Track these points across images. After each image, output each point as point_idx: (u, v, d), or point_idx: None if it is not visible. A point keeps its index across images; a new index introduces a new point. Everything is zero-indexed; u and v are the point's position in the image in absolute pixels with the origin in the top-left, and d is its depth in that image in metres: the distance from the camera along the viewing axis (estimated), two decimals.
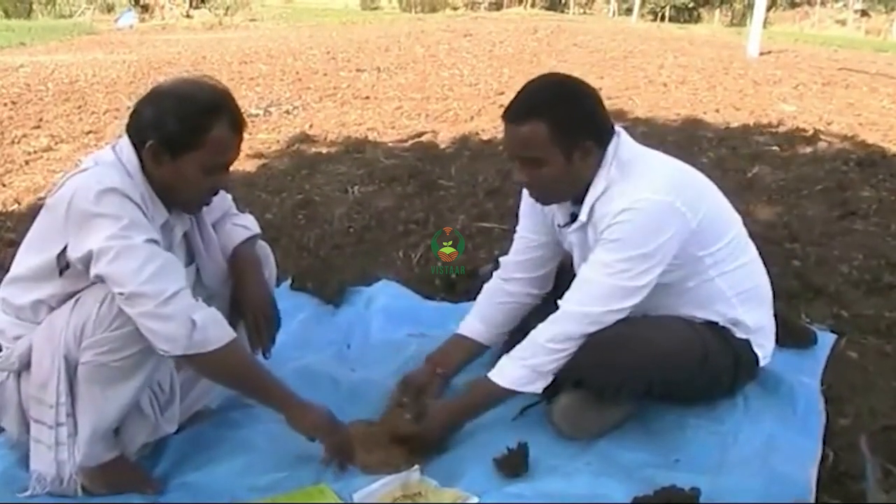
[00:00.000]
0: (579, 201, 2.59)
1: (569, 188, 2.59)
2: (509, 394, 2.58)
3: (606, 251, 2.47)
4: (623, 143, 2.56)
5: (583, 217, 2.57)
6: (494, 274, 3.01)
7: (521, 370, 2.54)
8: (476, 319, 2.96)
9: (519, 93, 2.55)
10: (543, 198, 2.67)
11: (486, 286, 3.02)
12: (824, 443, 2.55)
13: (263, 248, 2.80)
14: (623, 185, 2.49)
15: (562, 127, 2.45)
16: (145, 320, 2.13)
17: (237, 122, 2.29)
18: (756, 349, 2.72)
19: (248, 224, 2.71)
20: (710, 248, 2.57)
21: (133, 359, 2.20)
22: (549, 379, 2.54)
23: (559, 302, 2.56)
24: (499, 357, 2.65)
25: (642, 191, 2.44)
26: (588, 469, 2.45)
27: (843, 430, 2.66)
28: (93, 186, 2.13)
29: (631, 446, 2.57)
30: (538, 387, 2.55)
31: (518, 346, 2.58)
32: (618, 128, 2.60)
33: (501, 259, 3.01)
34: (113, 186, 2.14)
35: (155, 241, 2.17)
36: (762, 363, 2.77)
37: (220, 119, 2.24)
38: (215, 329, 2.22)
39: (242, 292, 2.64)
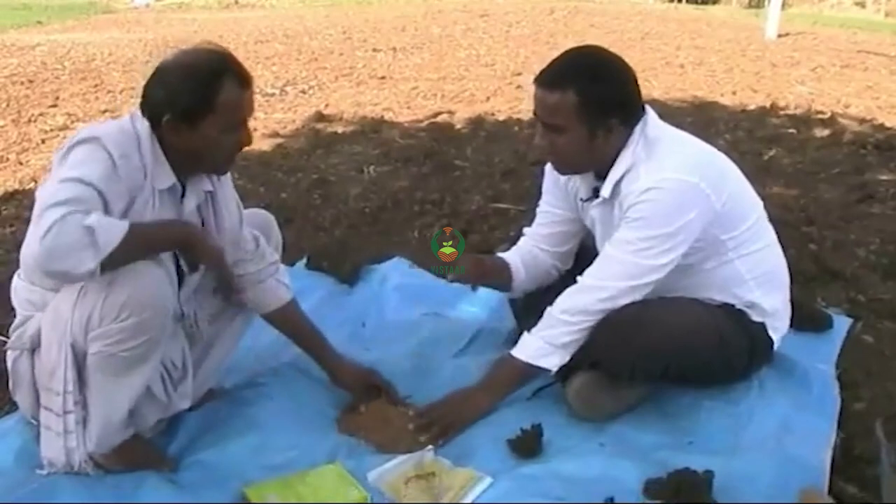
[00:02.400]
0: (602, 177, 2.58)
1: (587, 162, 2.58)
2: (530, 370, 2.58)
3: (630, 229, 2.47)
4: (650, 122, 2.55)
5: (605, 193, 2.56)
6: (522, 240, 3.00)
7: (536, 342, 2.56)
8: (514, 256, 2.95)
9: (557, 58, 2.54)
10: (560, 165, 2.66)
11: (518, 243, 3.01)
12: (839, 426, 2.54)
13: (267, 216, 2.84)
14: (648, 163, 2.48)
15: (590, 102, 2.44)
16: (44, 259, 1.97)
17: (243, 79, 2.30)
18: (771, 332, 2.71)
19: (287, 282, 2.79)
20: (733, 232, 2.56)
21: (142, 348, 2.19)
22: (565, 355, 2.54)
23: (578, 277, 2.56)
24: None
25: (667, 170, 2.44)
26: (602, 450, 2.46)
27: (858, 413, 2.65)
28: (81, 134, 2.17)
29: (645, 428, 2.57)
30: (553, 362, 2.55)
31: (542, 320, 2.58)
32: (646, 106, 2.58)
33: (525, 229, 3.01)
34: (95, 136, 2.15)
35: (98, 193, 2.07)
36: (776, 346, 2.76)
37: (226, 79, 2.25)
38: (113, 225, 2.05)
39: (347, 373, 2.81)
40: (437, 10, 18.94)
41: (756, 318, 2.68)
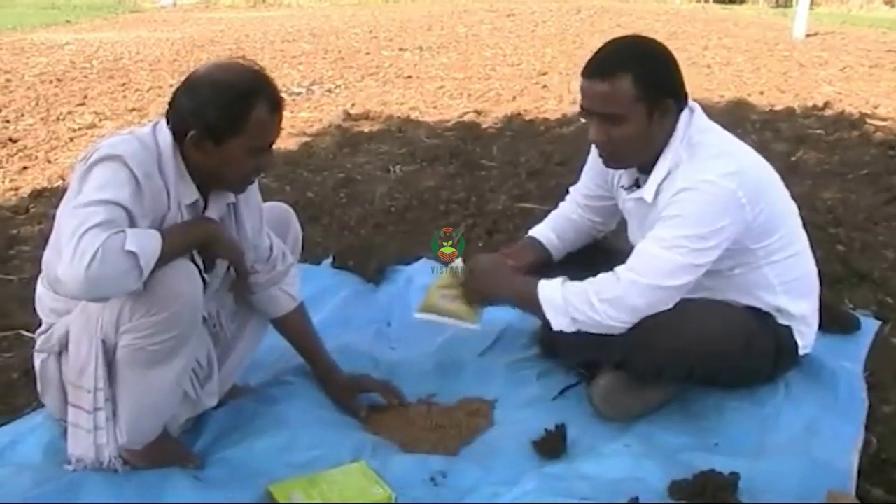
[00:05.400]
0: (646, 170, 2.56)
1: (641, 151, 2.53)
2: (537, 307, 2.57)
3: (666, 227, 2.42)
4: (695, 124, 2.53)
5: (648, 198, 2.53)
6: (568, 196, 3.04)
7: (559, 296, 2.52)
8: (548, 228, 3.00)
9: (599, 50, 2.50)
10: (615, 159, 2.60)
11: (561, 203, 3.05)
12: (866, 429, 2.52)
13: (286, 210, 2.84)
14: (688, 166, 2.45)
15: (646, 82, 2.41)
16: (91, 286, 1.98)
17: (276, 103, 2.27)
18: (797, 337, 2.68)
19: (293, 292, 2.78)
20: (764, 242, 2.52)
21: (171, 342, 2.20)
22: (571, 326, 2.50)
23: (617, 269, 2.48)
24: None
25: (707, 172, 2.39)
26: (626, 451, 2.45)
27: (886, 417, 2.63)
28: (103, 149, 2.14)
29: (670, 429, 2.57)
30: (560, 322, 2.52)
31: (577, 283, 2.53)
32: (693, 103, 2.57)
33: (571, 188, 3.04)
34: (118, 154, 2.12)
35: (125, 209, 2.08)
36: (801, 352, 2.72)
37: (259, 102, 2.22)
38: (149, 242, 2.08)
39: (336, 386, 2.83)
40: (464, 10, 18.96)
41: (782, 321, 2.65)
